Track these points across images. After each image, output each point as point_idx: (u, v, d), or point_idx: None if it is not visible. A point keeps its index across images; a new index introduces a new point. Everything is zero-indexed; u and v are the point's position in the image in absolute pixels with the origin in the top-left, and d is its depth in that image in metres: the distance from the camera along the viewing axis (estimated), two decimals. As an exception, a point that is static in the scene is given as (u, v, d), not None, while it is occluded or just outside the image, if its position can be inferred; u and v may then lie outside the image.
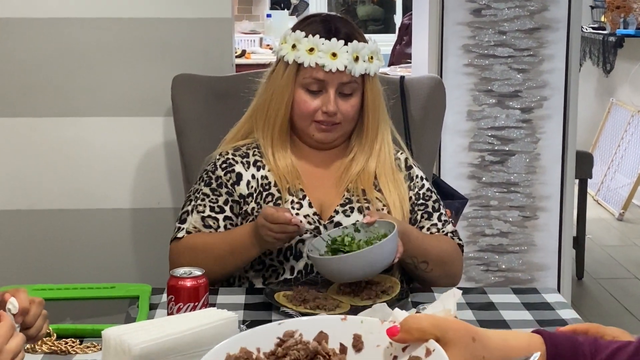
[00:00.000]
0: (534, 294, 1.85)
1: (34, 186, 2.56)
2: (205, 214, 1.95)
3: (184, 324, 1.15)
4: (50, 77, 2.52)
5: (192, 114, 2.33)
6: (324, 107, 1.93)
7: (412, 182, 2.03)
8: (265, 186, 1.95)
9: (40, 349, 1.50)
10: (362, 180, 1.97)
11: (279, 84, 1.95)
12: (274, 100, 1.96)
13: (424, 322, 1.01)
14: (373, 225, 1.83)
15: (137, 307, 1.69)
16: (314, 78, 1.93)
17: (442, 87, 2.41)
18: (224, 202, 1.95)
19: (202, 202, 1.96)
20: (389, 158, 2.00)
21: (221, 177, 1.97)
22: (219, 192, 1.96)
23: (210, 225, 1.94)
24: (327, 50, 1.91)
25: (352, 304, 1.73)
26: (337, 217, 1.93)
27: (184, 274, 1.50)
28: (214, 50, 2.55)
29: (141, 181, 2.58)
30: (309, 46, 1.92)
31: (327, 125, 1.95)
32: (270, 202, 1.93)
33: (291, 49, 1.94)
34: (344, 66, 1.91)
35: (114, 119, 2.55)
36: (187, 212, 1.97)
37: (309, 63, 1.91)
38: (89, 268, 2.57)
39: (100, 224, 2.59)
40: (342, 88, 1.94)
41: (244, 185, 1.96)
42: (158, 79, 2.49)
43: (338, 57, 1.91)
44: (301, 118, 1.96)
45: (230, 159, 1.99)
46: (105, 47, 2.52)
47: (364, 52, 1.93)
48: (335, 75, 1.92)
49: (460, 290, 1.33)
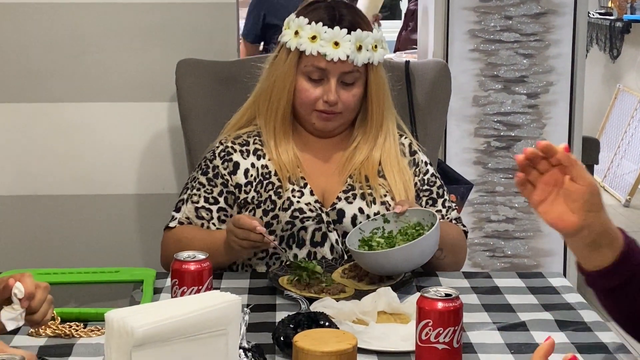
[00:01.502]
0: (539, 278, 1.84)
1: (39, 172, 2.56)
2: (199, 204, 1.94)
3: (187, 307, 1.15)
4: (54, 62, 2.51)
5: (197, 99, 2.33)
6: (324, 97, 1.91)
7: (417, 168, 2.01)
8: (266, 175, 1.94)
9: (45, 332, 1.50)
10: (365, 168, 1.96)
11: (281, 70, 1.94)
12: (276, 87, 1.95)
13: None
14: (403, 214, 1.83)
15: (141, 291, 1.69)
16: (315, 67, 1.91)
17: (448, 72, 2.40)
18: (218, 193, 1.95)
19: (197, 192, 1.96)
20: (394, 147, 1.99)
21: (218, 166, 1.96)
22: (215, 182, 1.95)
23: (203, 216, 1.94)
24: (330, 39, 1.89)
25: (357, 289, 1.72)
26: (340, 204, 1.92)
27: (188, 257, 1.49)
28: (219, 35, 2.54)
29: (146, 167, 2.58)
30: (312, 34, 1.90)
31: (327, 114, 1.93)
32: (271, 190, 1.92)
33: (294, 35, 1.92)
34: (346, 55, 1.89)
35: (118, 105, 2.55)
36: (183, 200, 1.97)
37: (310, 51, 1.89)
38: (94, 254, 2.57)
39: (105, 209, 2.59)
40: (343, 77, 1.92)
41: (241, 175, 1.95)
42: (162, 64, 2.49)
43: (340, 46, 1.89)
44: (302, 106, 1.95)
45: (230, 147, 1.98)
46: (110, 32, 2.51)
47: (368, 40, 1.91)
48: (337, 65, 1.90)
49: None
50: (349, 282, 1.75)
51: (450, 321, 1.32)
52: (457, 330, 1.32)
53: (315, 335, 1.29)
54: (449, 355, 1.32)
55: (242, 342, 1.32)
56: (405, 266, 1.75)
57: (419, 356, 1.34)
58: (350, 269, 1.81)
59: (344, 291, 1.70)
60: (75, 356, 1.43)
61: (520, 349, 1.47)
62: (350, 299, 1.63)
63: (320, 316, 1.44)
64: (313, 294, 1.66)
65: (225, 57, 2.46)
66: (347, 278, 1.78)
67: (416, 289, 1.73)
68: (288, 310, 1.57)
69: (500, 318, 1.60)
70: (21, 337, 1.50)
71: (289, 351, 1.35)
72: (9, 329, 1.35)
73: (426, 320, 1.32)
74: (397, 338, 1.46)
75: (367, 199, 1.92)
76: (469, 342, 1.49)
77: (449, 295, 1.33)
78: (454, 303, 1.32)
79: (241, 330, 1.32)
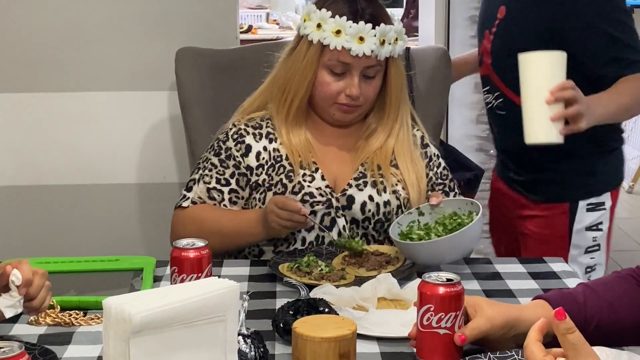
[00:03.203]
0: (540, 264, 1.84)
1: (39, 162, 2.56)
2: (211, 185, 1.95)
3: (185, 293, 1.14)
4: (54, 51, 2.51)
5: (197, 87, 2.32)
6: (347, 90, 1.91)
7: (430, 162, 2.02)
8: (277, 158, 1.95)
9: (44, 320, 1.50)
10: (378, 157, 1.96)
11: (301, 63, 1.93)
12: (295, 79, 1.94)
13: None
14: (438, 206, 1.83)
15: (141, 279, 1.69)
16: (339, 61, 1.90)
17: (448, 58, 2.39)
18: (230, 174, 1.95)
19: (209, 173, 1.96)
20: (408, 137, 1.99)
21: (231, 148, 1.97)
22: (227, 164, 1.96)
23: (215, 197, 1.95)
24: (355, 33, 1.88)
25: (357, 275, 1.72)
26: (350, 191, 1.92)
27: (187, 245, 1.49)
28: (219, 23, 2.53)
29: (146, 156, 2.58)
30: (336, 28, 1.89)
31: (349, 107, 1.93)
32: (282, 174, 1.93)
33: (316, 28, 1.91)
34: (371, 51, 1.88)
35: (119, 94, 2.54)
36: (194, 180, 1.98)
37: (335, 46, 1.89)
38: (95, 243, 2.57)
39: (106, 199, 2.58)
40: (365, 71, 1.92)
41: (253, 157, 1.95)
42: (162, 52, 2.48)
43: (365, 41, 1.88)
44: (323, 99, 1.95)
45: (242, 129, 1.98)
46: (110, 21, 2.51)
47: (391, 35, 1.91)
48: (361, 60, 1.89)
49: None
50: (350, 269, 1.75)
51: (452, 306, 1.31)
52: (458, 315, 1.32)
53: (315, 322, 1.29)
54: (450, 340, 1.32)
55: (241, 329, 1.32)
56: (447, 257, 1.75)
57: (420, 341, 1.33)
58: (351, 256, 1.81)
59: (344, 278, 1.70)
60: (75, 344, 1.42)
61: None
62: (350, 286, 1.63)
63: (320, 302, 1.44)
64: (313, 281, 1.66)
65: (225, 46, 2.45)
66: (348, 265, 1.78)
67: (417, 275, 1.72)
68: (288, 297, 1.57)
69: (501, 303, 1.60)
70: (21, 325, 1.50)
71: (288, 337, 1.35)
72: (8, 316, 1.35)
73: (428, 306, 1.31)
74: (397, 324, 1.46)
75: (378, 187, 1.93)
76: (469, 327, 1.49)
77: (451, 280, 1.32)
78: (456, 288, 1.32)
79: (240, 317, 1.32)
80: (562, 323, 1.02)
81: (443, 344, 1.32)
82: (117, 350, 1.10)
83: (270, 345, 1.38)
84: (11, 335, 1.46)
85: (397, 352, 1.40)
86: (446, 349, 1.32)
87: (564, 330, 1.02)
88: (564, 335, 1.02)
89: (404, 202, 1.94)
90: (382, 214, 1.93)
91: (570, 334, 1.02)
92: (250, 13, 6.43)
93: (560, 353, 1.05)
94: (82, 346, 1.42)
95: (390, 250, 1.83)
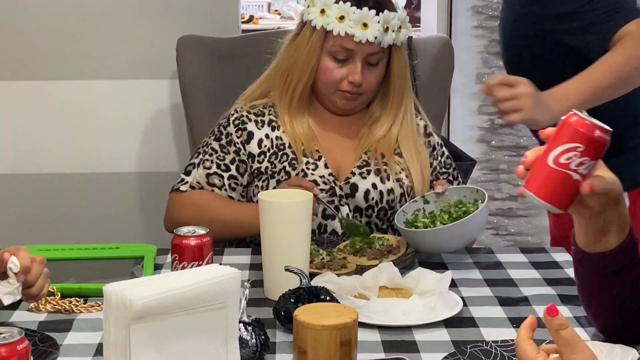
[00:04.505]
0: (541, 253, 1.83)
1: (40, 150, 2.56)
2: (211, 170, 1.94)
3: (186, 280, 1.14)
4: (55, 40, 2.50)
5: (198, 76, 2.31)
6: (350, 77, 1.90)
7: (434, 151, 2.01)
8: (280, 147, 1.94)
9: (45, 307, 1.50)
10: (382, 145, 1.96)
11: (304, 49, 1.92)
12: (298, 65, 1.93)
13: None
14: (443, 194, 1.83)
15: (141, 267, 1.69)
16: (342, 47, 1.90)
17: (450, 47, 2.38)
18: (230, 160, 1.95)
19: (209, 157, 1.95)
20: (412, 127, 1.99)
21: (232, 134, 1.95)
22: (227, 149, 1.95)
23: (215, 183, 1.94)
24: (358, 19, 1.87)
25: (358, 264, 1.71)
26: (353, 179, 1.92)
27: (188, 232, 1.49)
28: (220, 12, 2.52)
29: (147, 144, 2.57)
30: (340, 14, 1.88)
31: (351, 94, 1.93)
32: (286, 161, 1.92)
33: (319, 13, 1.90)
34: (374, 37, 1.88)
35: (119, 82, 2.54)
36: (194, 164, 1.96)
37: (338, 31, 1.88)
38: (95, 232, 2.57)
39: (106, 187, 2.58)
40: (368, 58, 1.91)
41: (255, 144, 1.94)
42: (163, 40, 2.47)
43: (369, 27, 1.88)
44: (325, 86, 1.94)
45: (245, 116, 1.97)
46: (110, 9, 2.50)
47: (394, 22, 1.90)
48: (364, 46, 1.89)
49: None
50: (351, 258, 1.75)
51: (598, 153, 1.18)
52: (594, 165, 1.19)
53: (316, 310, 1.28)
54: (575, 188, 1.19)
55: (242, 317, 1.31)
56: (452, 245, 1.74)
57: (540, 175, 1.20)
58: (352, 245, 1.80)
59: (345, 266, 1.69)
60: (75, 331, 1.42)
61: (522, 324, 1.46)
62: (352, 274, 1.62)
63: (321, 291, 1.43)
64: (314, 269, 1.65)
65: (226, 34, 2.45)
66: (349, 254, 1.77)
67: (417, 264, 1.72)
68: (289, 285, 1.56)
69: (502, 293, 1.60)
70: (21, 312, 1.49)
71: (289, 325, 1.35)
72: (6, 303, 1.34)
73: (576, 145, 1.17)
74: (398, 313, 1.46)
75: (382, 175, 1.92)
76: (470, 316, 1.49)
77: (604, 128, 1.18)
78: (608, 137, 1.18)
79: (241, 305, 1.31)
80: (555, 319, 1.01)
81: (567, 189, 1.19)
82: (118, 337, 1.09)
83: (271, 333, 1.38)
84: (11, 321, 1.45)
85: (398, 340, 1.39)
86: (568, 196, 1.20)
87: (556, 327, 1.01)
88: (557, 331, 1.01)
89: (407, 191, 1.94)
90: (385, 202, 1.92)
91: (563, 329, 1.01)
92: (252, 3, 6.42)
93: (553, 349, 1.05)
94: (83, 333, 1.41)
95: (391, 239, 1.83)
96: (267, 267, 1.59)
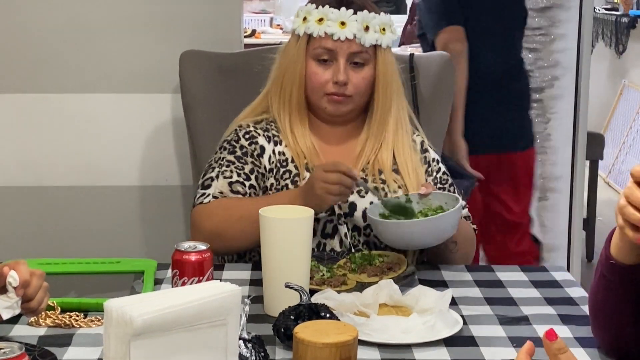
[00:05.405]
0: (542, 272, 1.83)
1: (42, 162, 2.55)
2: (233, 179, 1.89)
3: (187, 296, 1.14)
4: (58, 53, 2.50)
5: (200, 90, 2.32)
6: (334, 78, 1.91)
7: (429, 167, 2.01)
8: (283, 162, 1.93)
9: (44, 322, 1.50)
10: (379, 162, 1.95)
11: (290, 57, 1.94)
12: (288, 74, 1.94)
13: None
14: (427, 197, 1.83)
15: (142, 282, 1.69)
16: (323, 48, 1.91)
17: (452, 65, 2.38)
18: (249, 170, 1.91)
19: (227, 169, 1.91)
20: (408, 142, 1.98)
21: (246, 146, 1.94)
22: (245, 160, 1.92)
23: (239, 190, 1.88)
24: (336, 19, 1.90)
25: (358, 281, 1.71)
26: (352, 197, 1.91)
27: (189, 248, 1.49)
28: (223, 27, 2.53)
29: (148, 158, 2.57)
30: (319, 16, 1.92)
31: (338, 97, 1.92)
32: (288, 179, 1.91)
33: (302, 22, 1.94)
34: (353, 34, 1.89)
35: (122, 96, 2.54)
36: (212, 178, 1.90)
37: (318, 33, 1.91)
38: (96, 245, 2.56)
39: (108, 201, 2.58)
40: (352, 58, 1.92)
41: (267, 159, 1.94)
42: (166, 55, 2.47)
43: (347, 25, 1.90)
44: (313, 91, 1.94)
45: (252, 130, 1.96)
46: (113, 22, 2.50)
47: (375, 22, 1.92)
48: (344, 44, 1.90)
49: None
50: (351, 275, 1.75)
51: None
52: None
53: (316, 327, 1.29)
54: None
55: (242, 333, 1.31)
56: (421, 241, 1.76)
57: None
58: (352, 261, 1.80)
59: (345, 283, 1.69)
60: (74, 346, 1.42)
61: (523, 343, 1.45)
62: (352, 291, 1.62)
63: (321, 308, 1.43)
64: (314, 286, 1.65)
65: (229, 49, 2.45)
66: (350, 271, 1.77)
67: (418, 282, 1.72)
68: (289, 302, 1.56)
69: (503, 311, 1.59)
70: (21, 326, 1.49)
71: (289, 342, 1.35)
72: (5, 317, 1.34)
73: None
74: (398, 330, 1.46)
75: (380, 193, 1.91)
76: (470, 335, 1.48)
77: None
78: None
79: (241, 321, 1.31)
80: (554, 343, 1.02)
81: None
82: (118, 353, 1.09)
83: (270, 350, 1.38)
84: (11, 336, 1.45)
85: (398, 358, 1.39)
86: None
87: (555, 351, 1.02)
88: (556, 355, 1.02)
89: None
90: None
91: (562, 354, 1.02)
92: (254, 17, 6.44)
93: None
94: (82, 348, 1.41)
95: (391, 256, 1.83)
96: (267, 283, 1.59)
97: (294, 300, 1.46)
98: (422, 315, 1.51)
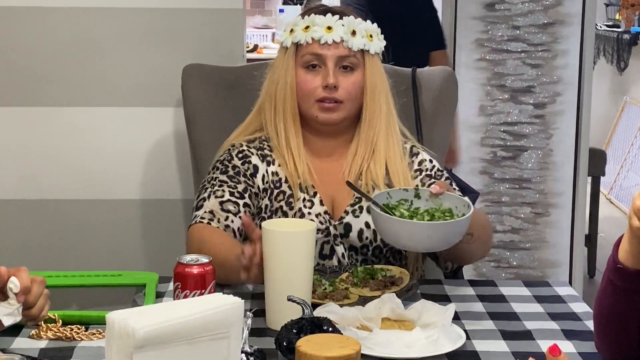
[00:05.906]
0: (545, 287, 1.83)
1: (43, 176, 2.55)
2: (224, 198, 1.87)
3: (189, 309, 1.14)
4: (60, 66, 2.51)
5: (202, 104, 2.32)
6: (324, 82, 1.90)
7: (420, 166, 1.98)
8: (276, 183, 1.92)
9: (45, 335, 1.49)
10: (372, 174, 1.93)
11: (280, 69, 1.95)
12: (279, 86, 1.94)
13: None
14: (437, 197, 1.71)
15: (143, 295, 1.68)
16: (311, 54, 1.92)
17: (454, 79, 2.38)
18: (243, 189, 1.90)
19: (219, 188, 1.89)
20: (398, 146, 1.96)
21: (238, 166, 1.93)
22: (238, 179, 1.91)
23: (229, 209, 1.86)
24: (322, 24, 1.92)
25: (361, 295, 1.71)
26: (347, 218, 1.90)
27: (191, 261, 1.48)
28: (225, 41, 2.53)
29: (150, 172, 2.57)
30: (305, 25, 1.93)
31: (329, 102, 1.91)
32: (282, 200, 1.90)
33: (289, 33, 1.95)
34: (340, 37, 1.90)
35: (124, 109, 2.54)
36: (204, 198, 1.89)
37: (305, 39, 1.92)
38: (98, 258, 2.56)
39: (109, 214, 2.57)
40: (341, 62, 1.92)
41: (260, 179, 1.93)
42: (168, 69, 2.48)
43: (334, 30, 1.91)
44: (304, 99, 1.93)
45: (245, 150, 1.95)
46: (116, 36, 2.51)
47: (361, 27, 1.93)
48: (332, 47, 1.91)
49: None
50: (354, 289, 1.74)
51: None
52: None
53: (319, 341, 1.28)
54: None
55: (244, 346, 1.31)
56: (422, 245, 1.62)
57: None
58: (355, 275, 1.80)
59: (347, 297, 1.68)
60: (76, 359, 1.41)
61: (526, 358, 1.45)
62: (354, 305, 1.61)
63: (324, 321, 1.43)
64: (316, 300, 1.65)
65: (231, 63, 2.45)
66: (352, 285, 1.76)
67: (420, 296, 1.71)
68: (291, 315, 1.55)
69: (506, 326, 1.59)
70: (22, 339, 1.48)
71: (291, 356, 1.34)
72: (6, 324, 1.34)
73: None
74: (401, 345, 1.45)
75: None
76: (473, 349, 1.48)
77: None
78: None
79: (244, 334, 1.31)
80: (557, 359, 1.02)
81: None
82: (120, 365, 1.09)
83: (273, 364, 1.37)
84: (12, 348, 1.44)
85: (401, 373, 1.38)
86: None
87: None
88: None
89: None
90: (379, 240, 1.90)
91: None
92: (256, 33, 6.46)
93: None
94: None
95: (393, 270, 1.82)
96: (269, 296, 1.59)
97: (297, 314, 1.45)
98: (425, 329, 1.50)
